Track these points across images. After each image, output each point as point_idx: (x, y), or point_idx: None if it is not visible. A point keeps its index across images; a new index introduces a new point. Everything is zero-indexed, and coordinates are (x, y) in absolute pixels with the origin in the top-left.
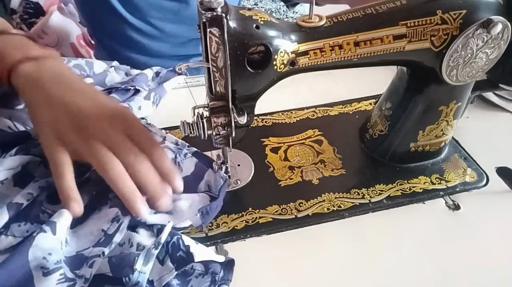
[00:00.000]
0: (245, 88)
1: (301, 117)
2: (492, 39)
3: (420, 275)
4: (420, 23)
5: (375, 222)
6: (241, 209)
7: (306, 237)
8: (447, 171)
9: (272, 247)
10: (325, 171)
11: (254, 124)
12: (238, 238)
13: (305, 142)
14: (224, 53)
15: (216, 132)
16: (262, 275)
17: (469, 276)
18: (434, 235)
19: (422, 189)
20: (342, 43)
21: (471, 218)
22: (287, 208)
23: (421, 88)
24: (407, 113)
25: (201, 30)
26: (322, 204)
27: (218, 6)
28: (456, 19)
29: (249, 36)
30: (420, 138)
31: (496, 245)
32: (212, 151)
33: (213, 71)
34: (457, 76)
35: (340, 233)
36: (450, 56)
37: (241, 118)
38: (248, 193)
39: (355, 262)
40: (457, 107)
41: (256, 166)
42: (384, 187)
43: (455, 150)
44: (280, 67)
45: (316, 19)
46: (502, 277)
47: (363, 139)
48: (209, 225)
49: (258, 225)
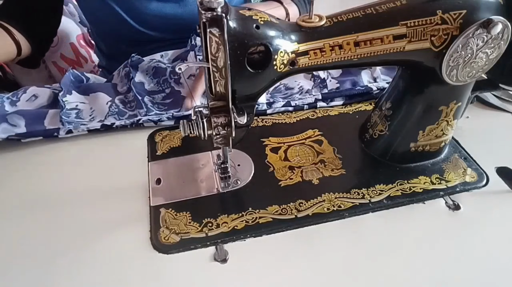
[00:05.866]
0: (245, 88)
1: (301, 117)
2: (492, 39)
3: (420, 275)
4: (420, 23)
5: (375, 222)
6: (241, 209)
7: (306, 237)
8: (447, 171)
9: (272, 247)
10: (325, 171)
11: (254, 124)
12: (238, 238)
13: (305, 142)
14: (224, 53)
15: (216, 132)
16: (262, 275)
17: (469, 276)
18: (434, 235)
19: (422, 189)
20: (342, 43)
21: (471, 218)
22: (287, 208)
23: (421, 88)
24: (407, 113)
25: (201, 30)
26: (322, 204)
27: (218, 6)
28: (456, 19)
29: (249, 36)
30: (420, 139)
31: (496, 245)
32: (212, 151)
33: (213, 71)
34: (457, 76)
35: (340, 233)
36: (450, 56)
37: (241, 118)
38: (248, 193)
39: (355, 262)
40: (457, 107)
41: (256, 166)
42: (384, 187)
43: (455, 150)
44: (280, 67)
45: (316, 19)
46: (502, 277)
47: (363, 139)
48: (209, 225)
49: (258, 225)
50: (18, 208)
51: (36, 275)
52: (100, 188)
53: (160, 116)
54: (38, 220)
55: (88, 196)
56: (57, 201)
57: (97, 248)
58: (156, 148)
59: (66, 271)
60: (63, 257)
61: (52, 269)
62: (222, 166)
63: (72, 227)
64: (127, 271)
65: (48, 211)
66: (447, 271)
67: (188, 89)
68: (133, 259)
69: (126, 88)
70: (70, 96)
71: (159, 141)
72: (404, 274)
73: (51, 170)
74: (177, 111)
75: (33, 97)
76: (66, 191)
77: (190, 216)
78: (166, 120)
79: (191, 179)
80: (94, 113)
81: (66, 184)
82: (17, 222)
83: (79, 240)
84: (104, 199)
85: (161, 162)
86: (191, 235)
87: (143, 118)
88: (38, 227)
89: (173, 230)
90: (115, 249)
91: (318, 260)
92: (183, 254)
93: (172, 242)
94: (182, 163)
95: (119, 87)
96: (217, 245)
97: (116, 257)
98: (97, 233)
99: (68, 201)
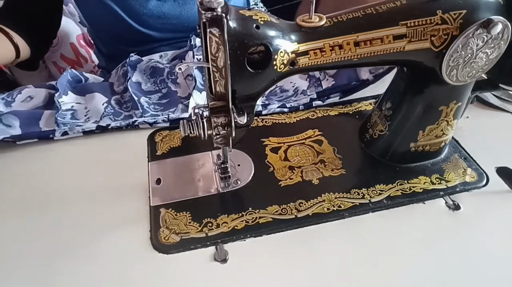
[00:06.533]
0: (245, 88)
1: (301, 117)
2: (492, 39)
3: (420, 275)
4: (420, 23)
5: (375, 222)
6: (241, 209)
7: (306, 237)
8: (447, 171)
9: (272, 247)
10: (325, 171)
11: (254, 124)
12: (238, 238)
13: (305, 142)
14: (224, 53)
15: (216, 132)
16: (262, 275)
17: (469, 276)
18: (434, 235)
19: (422, 189)
20: (342, 43)
21: (471, 218)
22: (287, 208)
23: (421, 88)
24: (407, 113)
25: (201, 30)
26: (322, 204)
27: (218, 6)
28: (456, 19)
29: (249, 36)
30: (420, 138)
31: (496, 245)
32: (212, 151)
33: (213, 71)
34: (457, 76)
35: (340, 233)
36: (450, 56)
37: (241, 118)
38: (248, 193)
39: (355, 262)
40: (457, 107)
41: (256, 166)
42: (384, 187)
43: (455, 150)
44: (280, 67)
45: (316, 19)
46: (502, 277)
47: (363, 139)
48: (209, 225)
49: (258, 225)
50: (16, 209)
51: (36, 275)
52: (100, 188)
53: (156, 118)
54: (38, 221)
55: (88, 196)
56: (57, 202)
57: (97, 248)
58: (156, 147)
59: (66, 271)
60: (62, 258)
61: (51, 269)
62: (222, 166)
63: (72, 227)
64: (127, 271)
65: (48, 212)
66: (447, 271)
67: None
68: (133, 259)
69: (123, 88)
70: (66, 97)
71: (159, 141)
72: (404, 274)
73: (51, 170)
74: (172, 113)
75: (28, 98)
76: (66, 191)
77: (190, 216)
78: (162, 122)
79: (191, 179)
80: (89, 113)
81: (66, 184)
82: (16, 223)
83: (79, 241)
84: (104, 199)
85: (161, 162)
86: (191, 235)
87: (138, 120)
88: (38, 228)
89: (173, 230)
90: (115, 249)
91: (318, 260)
92: (183, 254)
93: (172, 242)
94: (182, 163)
95: (116, 86)
96: (217, 245)
97: (116, 257)
98: (97, 233)
99: (68, 201)
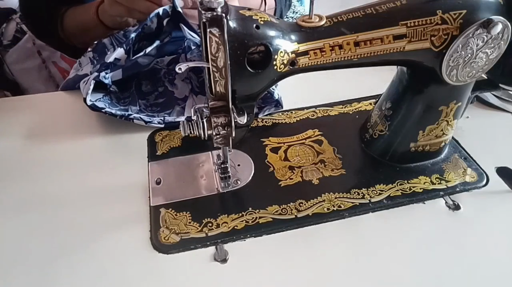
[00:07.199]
0: (245, 88)
1: (301, 117)
2: (492, 39)
3: (420, 274)
4: (420, 23)
5: (375, 222)
6: (241, 209)
7: (306, 237)
8: (447, 171)
9: (272, 247)
10: (325, 171)
11: (254, 124)
12: (238, 238)
13: (305, 142)
14: (224, 53)
15: (216, 132)
16: (262, 275)
17: (469, 276)
18: (434, 235)
19: (422, 189)
20: (342, 43)
21: (471, 218)
22: (287, 208)
23: (421, 88)
24: (407, 113)
25: (201, 30)
26: (322, 204)
27: (218, 6)
28: (456, 19)
29: (249, 36)
30: (420, 138)
31: (496, 245)
32: (212, 151)
33: (213, 71)
34: (457, 76)
35: (340, 233)
36: (450, 56)
37: (241, 118)
38: (248, 193)
39: (355, 262)
40: (457, 107)
41: (256, 166)
42: (384, 187)
43: (455, 150)
44: (280, 67)
45: (316, 19)
46: (502, 277)
47: (363, 139)
48: (209, 225)
49: (258, 225)
50: (17, 208)
51: (36, 275)
52: (100, 188)
53: (151, 119)
54: (38, 220)
55: (88, 196)
56: (57, 202)
57: (97, 248)
58: (156, 147)
59: (66, 271)
60: (62, 257)
61: (52, 269)
62: (222, 166)
63: (72, 227)
64: (127, 271)
65: (48, 212)
66: (447, 271)
67: None
68: (133, 259)
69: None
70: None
71: (159, 141)
72: (404, 274)
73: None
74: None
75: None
76: (66, 191)
77: (190, 216)
78: (157, 124)
79: (191, 179)
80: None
81: (66, 184)
82: (16, 222)
83: (79, 240)
84: (104, 199)
85: (161, 162)
86: (191, 235)
87: (133, 114)
88: (38, 228)
89: (173, 230)
90: (115, 249)
91: (318, 260)
92: (183, 254)
93: (172, 242)
94: (182, 163)
95: None
96: (217, 245)
97: (116, 257)
98: (97, 233)
99: (68, 201)
